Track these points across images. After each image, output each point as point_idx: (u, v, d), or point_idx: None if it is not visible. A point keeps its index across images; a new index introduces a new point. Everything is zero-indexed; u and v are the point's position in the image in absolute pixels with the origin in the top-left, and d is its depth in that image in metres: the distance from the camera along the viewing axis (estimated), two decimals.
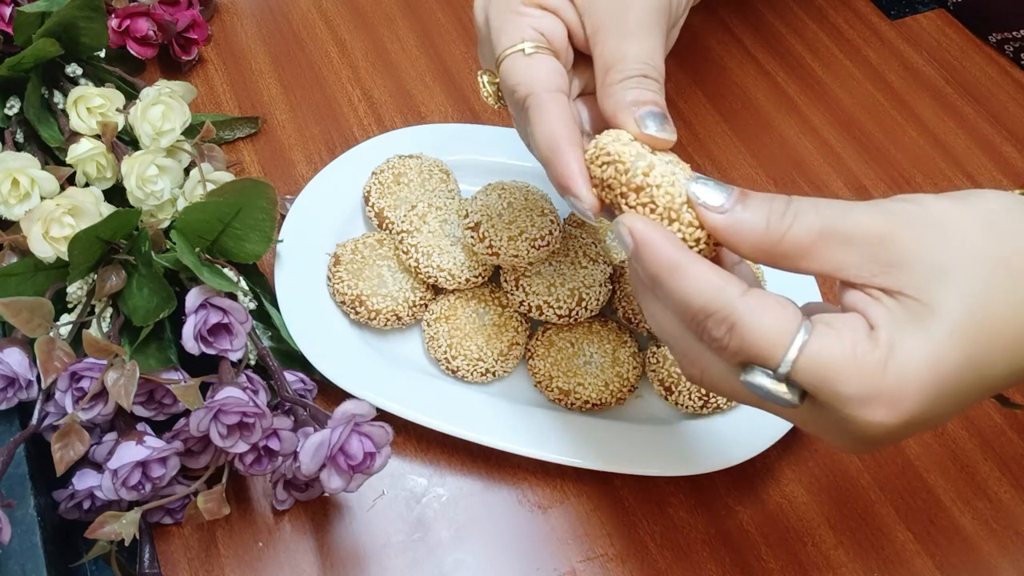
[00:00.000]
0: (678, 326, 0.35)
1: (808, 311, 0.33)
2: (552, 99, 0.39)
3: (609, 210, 0.38)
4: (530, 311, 0.54)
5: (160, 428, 0.47)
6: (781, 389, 0.32)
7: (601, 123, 0.41)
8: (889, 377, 0.30)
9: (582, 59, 0.43)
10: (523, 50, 0.40)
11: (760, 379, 0.32)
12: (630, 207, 0.36)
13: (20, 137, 0.58)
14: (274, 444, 0.46)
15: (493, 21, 0.41)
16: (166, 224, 0.52)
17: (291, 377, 0.51)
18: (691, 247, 0.34)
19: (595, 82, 0.40)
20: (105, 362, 0.44)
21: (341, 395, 0.49)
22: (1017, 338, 0.31)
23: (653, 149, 0.37)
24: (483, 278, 0.55)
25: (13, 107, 0.58)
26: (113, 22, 0.65)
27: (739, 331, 0.31)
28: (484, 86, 0.43)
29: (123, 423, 0.46)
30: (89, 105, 0.56)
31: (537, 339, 0.54)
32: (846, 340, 0.31)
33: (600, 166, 0.37)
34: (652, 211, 0.35)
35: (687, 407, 0.52)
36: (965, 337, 0.31)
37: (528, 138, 0.41)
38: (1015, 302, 0.31)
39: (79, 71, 0.60)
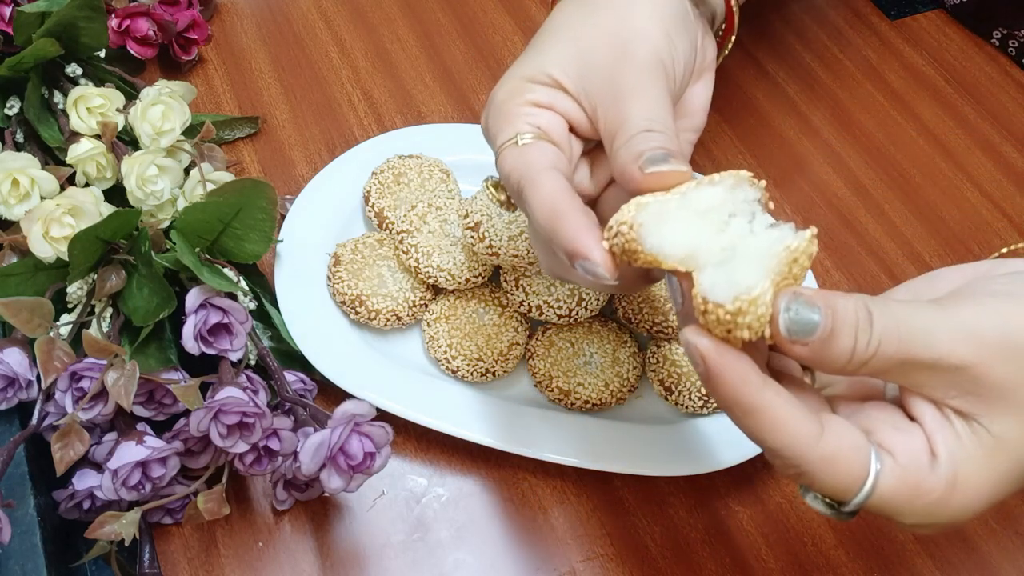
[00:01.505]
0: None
1: (854, 397, 0.34)
2: (545, 174, 0.37)
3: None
4: (530, 311, 0.54)
5: (160, 428, 0.47)
6: (839, 514, 0.33)
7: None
8: (949, 510, 0.32)
9: (597, 149, 0.41)
10: (516, 142, 0.39)
11: (819, 504, 0.33)
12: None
13: (20, 137, 0.58)
14: (274, 444, 0.46)
15: (491, 125, 0.41)
16: (166, 224, 0.52)
17: (291, 377, 0.51)
18: (763, 328, 0.31)
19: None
20: (105, 362, 0.44)
21: (341, 395, 0.49)
22: None
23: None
24: (483, 278, 0.55)
25: (13, 107, 0.58)
26: (113, 22, 0.65)
27: (809, 479, 0.32)
28: (491, 192, 0.42)
29: (123, 423, 0.46)
30: (89, 105, 0.56)
31: (537, 339, 0.54)
32: (911, 479, 0.32)
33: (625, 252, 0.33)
34: (716, 315, 0.31)
35: (687, 407, 0.52)
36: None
37: (533, 229, 0.39)
38: None
39: (79, 71, 0.60)
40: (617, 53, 0.39)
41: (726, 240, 0.32)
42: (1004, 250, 0.40)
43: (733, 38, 0.48)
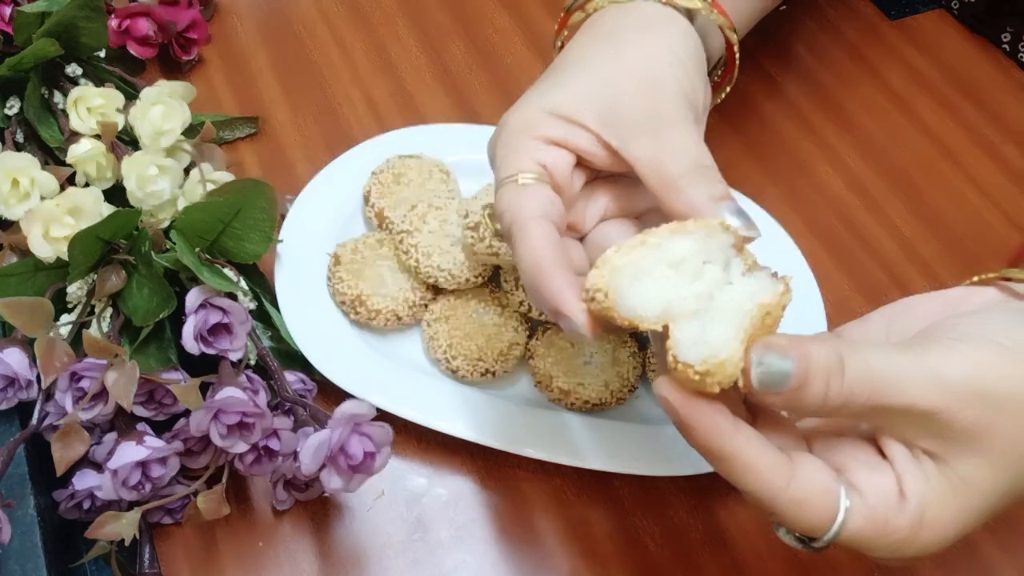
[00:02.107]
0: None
1: (831, 432, 0.36)
2: (535, 224, 0.38)
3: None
4: (530, 311, 0.54)
5: (160, 428, 0.47)
6: (810, 548, 0.35)
7: None
8: (915, 546, 0.34)
9: (600, 183, 0.43)
10: (516, 180, 0.39)
11: (790, 539, 0.36)
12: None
13: (20, 137, 0.58)
14: (274, 444, 0.46)
15: (498, 151, 0.41)
16: (166, 224, 0.52)
17: (291, 377, 0.51)
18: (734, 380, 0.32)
19: (628, 203, 0.41)
20: (105, 362, 0.44)
21: (341, 395, 0.49)
22: None
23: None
24: (483, 278, 0.55)
25: (13, 107, 0.58)
26: (113, 22, 0.65)
27: (779, 518, 0.34)
28: (487, 222, 0.42)
29: (123, 423, 0.46)
30: (89, 105, 0.56)
31: (537, 339, 0.54)
32: (879, 517, 0.33)
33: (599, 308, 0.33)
34: (687, 375, 0.31)
35: None
36: (991, 504, 0.34)
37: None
38: None
39: (79, 71, 0.60)
40: (648, 87, 0.40)
41: (702, 288, 0.33)
42: (975, 278, 0.41)
43: (729, 86, 0.49)
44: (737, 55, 0.47)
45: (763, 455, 0.33)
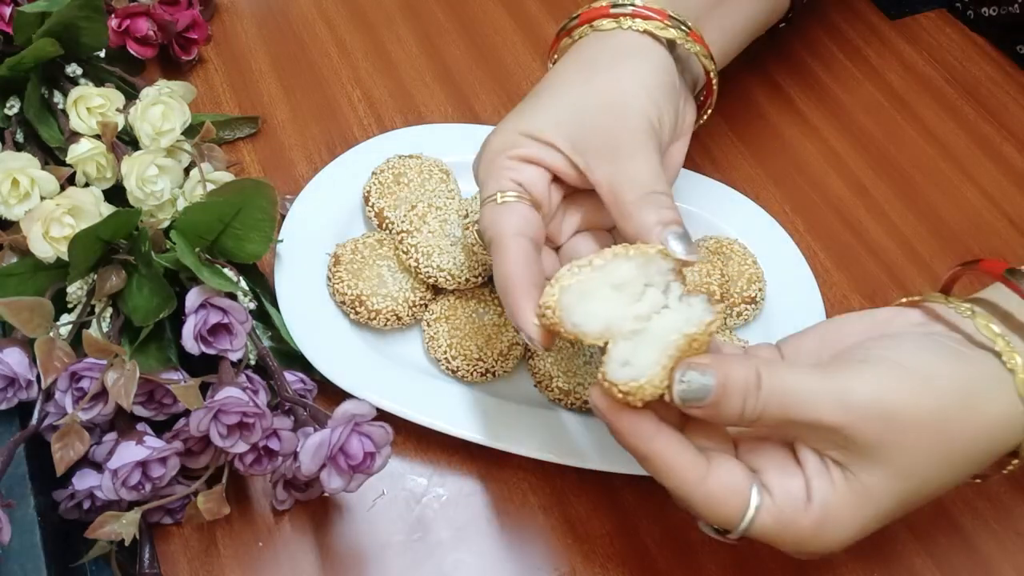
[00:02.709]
0: None
1: (759, 437, 0.39)
2: (512, 242, 0.42)
3: None
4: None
5: (160, 428, 0.47)
6: (726, 538, 0.39)
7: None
8: (818, 544, 0.37)
9: (578, 196, 0.46)
10: (496, 199, 0.43)
11: (708, 530, 0.40)
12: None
13: (20, 137, 0.58)
14: (274, 444, 0.46)
15: (480, 175, 0.45)
16: (166, 224, 0.52)
17: (291, 377, 0.51)
18: (658, 395, 0.36)
19: (603, 217, 0.45)
20: (105, 362, 0.44)
21: (341, 395, 0.49)
22: (936, 485, 0.38)
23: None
24: (483, 278, 0.55)
25: (13, 107, 0.58)
26: (113, 22, 0.65)
27: (696, 513, 0.38)
28: (474, 237, 0.46)
29: (123, 423, 0.46)
30: (89, 105, 0.56)
31: None
32: (785, 516, 0.37)
33: (552, 323, 0.37)
34: (611, 391, 0.36)
35: None
36: (890, 510, 0.38)
37: None
38: (942, 464, 0.38)
39: (79, 71, 0.60)
40: (612, 117, 0.44)
41: (642, 309, 0.37)
42: (903, 300, 0.44)
43: (710, 109, 0.51)
44: (715, 82, 0.49)
45: (680, 456, 0.37)
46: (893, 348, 0.38)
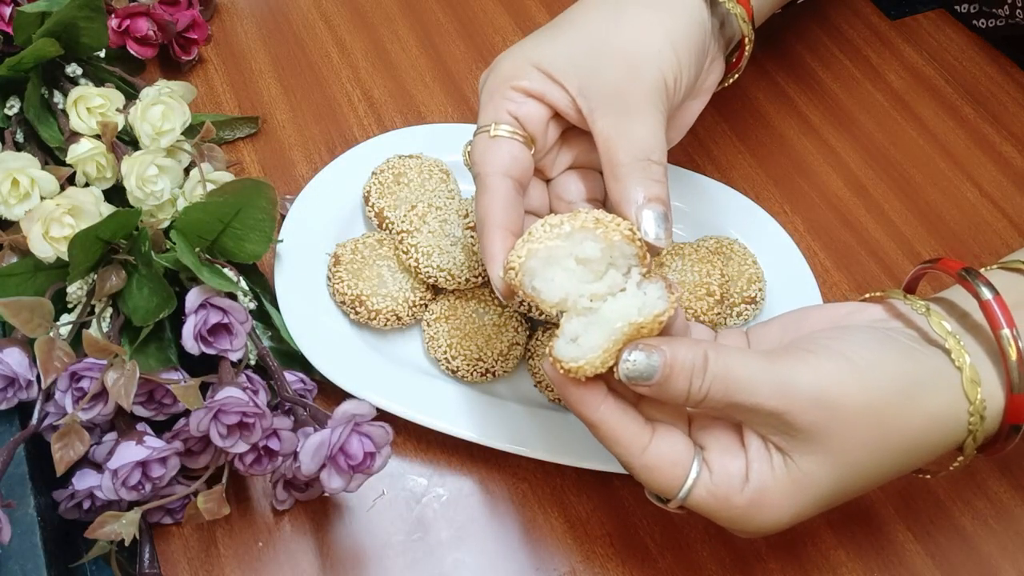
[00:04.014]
0: None
1: (712, 416, 0.40)
2: (497, 182, 0.42)
3: None
4: (530, 311, 0.54)
5: (160, 428, 0.47)
6: (670, 508, 0.40)
7: (595, 194, 0.46)
8: (752, 523, 0.39)
9: (576, 133, 0.46)
10: (489, 131, 0.43)
11: (654, 499, 0.41)
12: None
13: (20, 137, 0.58)
14: (274, 444, 0.46)
15: (481, 98, 0.45)
16: (166, 224, 0.52)
17: (291, 377, 0.51)
18: (604, 370, 0.37)
19: (597, 157, 0.43)
20: (105, 362, 0.44)
21: (341, 395, 0.49)
22: (875, 474, 0.39)
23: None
24: (483, 278, 0.55)
25: (13, 107, 0.58)
26: (113, 22, 0.65)
27: (638, 479, 0.39)
28: (466, 160, 0.46)
29: (123, 423, 0.46)
30: (89, 105, 0.56)
31: (537, 339, 0.54)
32: (720, 493, 0.38)
33: (514, 281, 0.38)
34: (559, 365, 0.37)
35: None
36: (826, 496, 0.39)
37: None
38: (880, 454, 0.38)
39: (79, 71, 0.60)
40: (627, 69, 0.42)
41: (600, 288, 0.37)
42: (866, 296, 0.44)
43: (738, 73, 0.51)
44: (748, 47, 0.48)
45: (624, 426, 0.38)
46: (841, 340, 0.39)
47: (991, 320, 0.38)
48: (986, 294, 0.38)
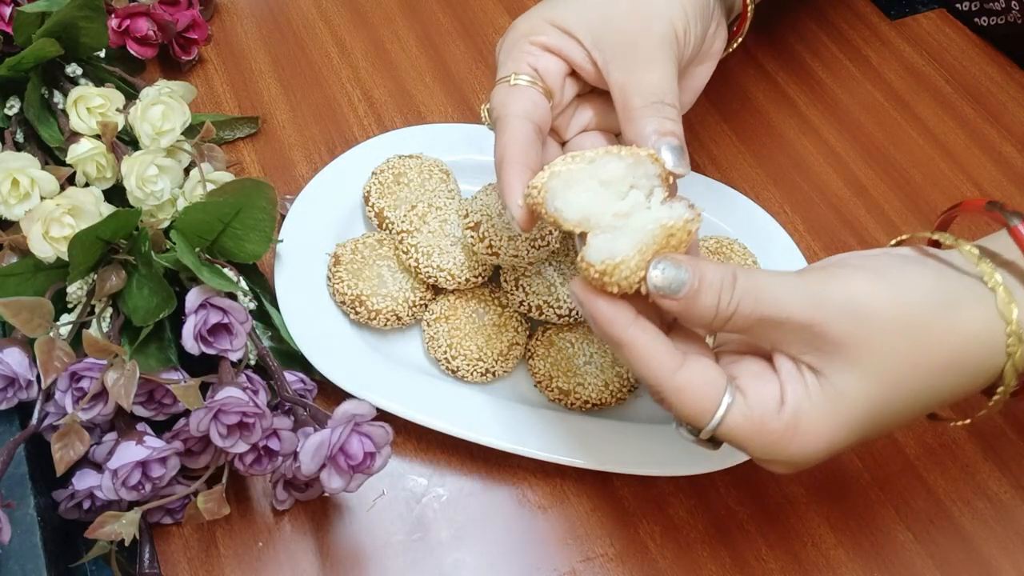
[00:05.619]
0: None
1: (739, 352, 0.39)
2: (517, 123, 0.43)
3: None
4: (530, 311, 0.54)
5: (160, 428, 0.47)
6: (702, 443, 0.39)
7: None
8: (790, 448, 0.37)
9: (591, 96, 0.47)
10: (509, 80, 0.45)
11: (684, 433, 0.39)
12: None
13: (20, 137, 0.58)
14: (274, 444, 0.46)
15: (499, 55, 0.46)
16: (166, 224, 0.52)
17: (291, 377, 0.51)
18: (635, 284, 0.36)
19: (612, 119, 0.44)
20: (105, 362, 0.44)
21: (341, 395, 0.49)
22: (912, 396, 0.38)
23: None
24: (483, 278, 0.55)
25: (13, 107, 0.58)
26: (113, 22, 0.65)
27: (667, 406, 0.38)
28: (484, 115, 0.47)
29: (123, 423, 0.46)
30: (89, 105, 0.56)
31: (537, 339, 0.54)
32: (756, 417, 0.37)
33: (535, 204, 0.38)
34: (587, 273, 0.37)
35: None
36: (865, 417, 0.37)
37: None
38: (917, 371, 0.37)
39: (79, 71, 0.60)
40: (638, 20, 0.44)
41: (623, 207, 0.37)
42: (893, 241, 0.43)
43: (740, 38, 0.52)
44: (750, 13, 0.50)
45: (656, 346, 0.37)
46: (873, 260, 0.38)
47: (1021, 245, 0.37)
48: (1014, 220, 0.38)
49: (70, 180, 0.55)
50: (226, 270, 0.50)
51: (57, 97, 0.59)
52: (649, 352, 0.37)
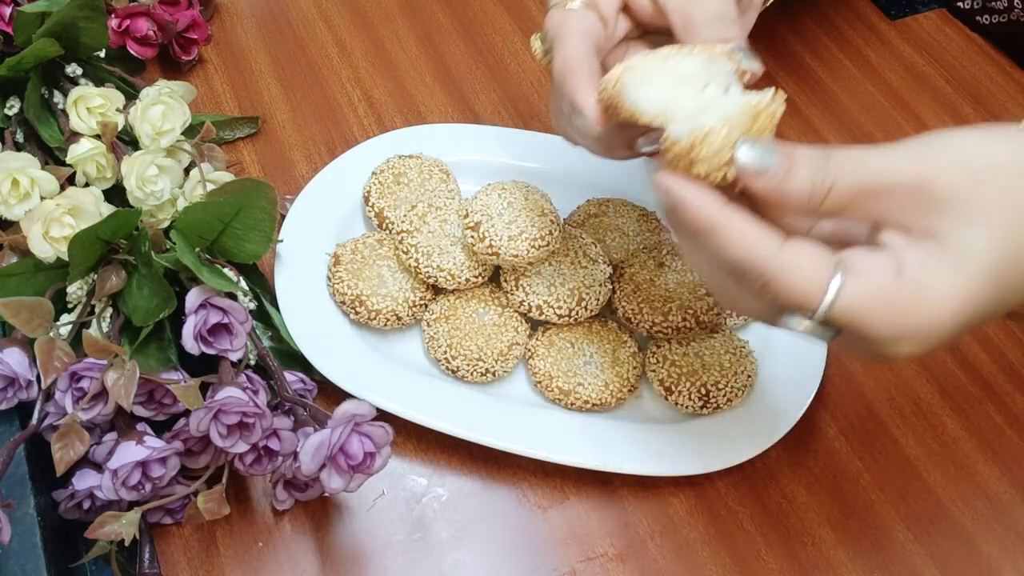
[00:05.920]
0: (717, 273, 0.37)
1: (840, 238, 0.36)
2: (576, 36, 0.42)
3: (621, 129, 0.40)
4: (530, 311, 0.54)
5: (160, 428, 0.47)
6: (817, 331, 0.34)
7: None
8: (919, 317, 0.33)
9: (644, 40, 0.46)
10: (564, 4, 0.44)
11: (797, 323, 0.34)
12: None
13: (20, 137, 0.59)
14: (274, 444, 0.46)
15: None
16: (166, 224, 0.52)
17: (291, 377, 0.51)
18: (722, 179, 0.34)
19: (675, 30, 0.43)
20: (105, 362, 0.44)
21: (341, 395, 0.49)
22: None
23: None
24: (483, 278, 0.55)
25: (13, 107, 0.58)
26: (113, 22, 0.65)
27: (773, 287, 0.33)
28: (534, 45, 0.46)
29: (123, 423, 0.46)
30: (89, 105, 0.56)
31: (537, 339, 0.54)
32: (875, 286, 0.33)
33: (612, 105, 0.37)
34: (674, 151, 0.34)
35: (687, 407, 0.52)
36: (993, 275, 0.33)
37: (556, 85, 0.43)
38: None
39: (79, 71, 0.60)
40: None
41: (700, 102, 0.35)
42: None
43: None
44: None
45: (752, 225, 0.34)
46: (962, 126, 0.36)
47: None
48: None
49: (70, 180, 0.55)
50: (226, 270, 0.50)
51: (57, 97, 0.59)
52: (745, 231, 0.34)
